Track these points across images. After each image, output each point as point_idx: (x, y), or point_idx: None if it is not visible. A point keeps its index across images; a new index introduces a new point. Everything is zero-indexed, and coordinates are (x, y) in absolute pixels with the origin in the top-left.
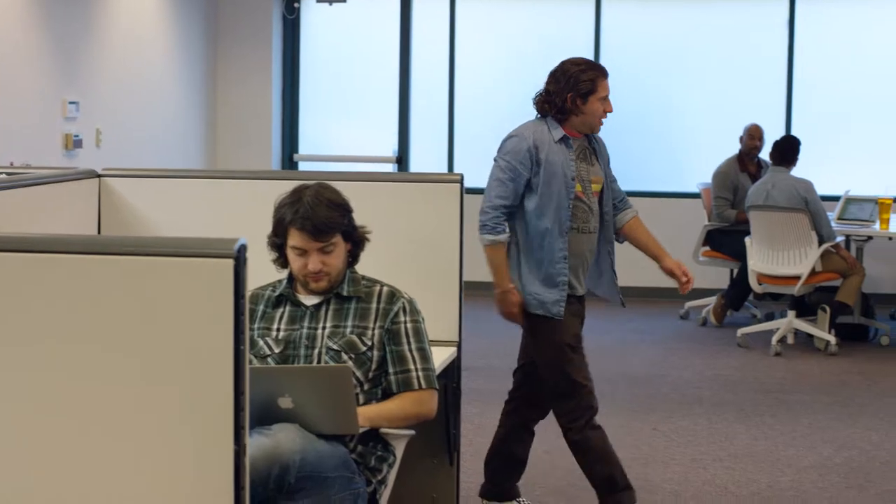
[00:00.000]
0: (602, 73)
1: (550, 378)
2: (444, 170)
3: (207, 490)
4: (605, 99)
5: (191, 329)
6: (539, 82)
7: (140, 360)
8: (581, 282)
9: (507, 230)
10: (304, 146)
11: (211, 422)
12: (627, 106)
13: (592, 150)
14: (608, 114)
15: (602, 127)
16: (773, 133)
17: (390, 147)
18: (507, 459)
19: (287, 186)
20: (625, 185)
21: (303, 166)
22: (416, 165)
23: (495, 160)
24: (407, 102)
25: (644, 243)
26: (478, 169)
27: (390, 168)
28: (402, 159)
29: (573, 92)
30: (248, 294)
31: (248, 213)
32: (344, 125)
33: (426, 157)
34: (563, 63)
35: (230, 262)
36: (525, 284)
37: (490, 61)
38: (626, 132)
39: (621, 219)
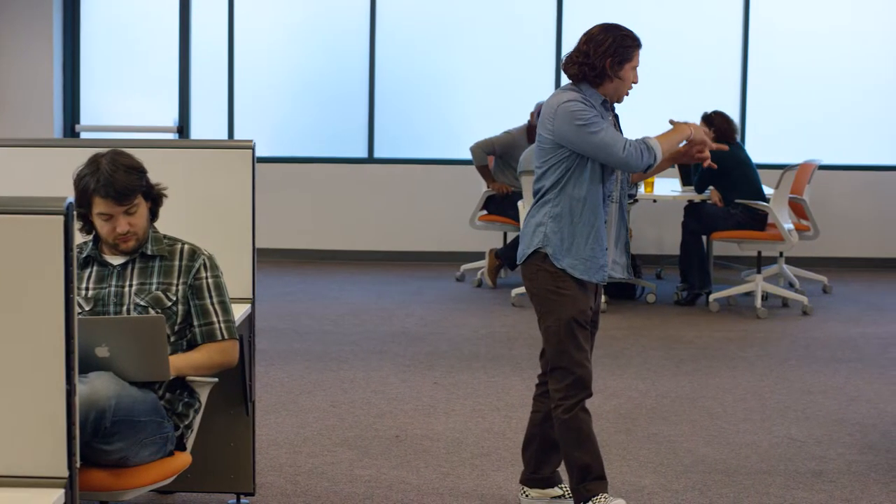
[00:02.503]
0: (638, 42)
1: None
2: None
3: (44, 426)
4: (635, 69)
5: (25, 281)
6: (315, 54)
7: None
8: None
9: (647, 143)
10: (86, 117)
11: (45, 364)
12: (404, 75)
13: (616, 117)
14: (633, 85)
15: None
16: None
17: (171, 117)
18: (544, 444)
19: (81, 153)
20: (404, 152)
21: (85, 136)
22: (196, 135)
23: (578, 126)
24: (187, 73)
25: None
26: (258, 139)
27: (172, 138)
28: (183, 129)
29: (611, 57)
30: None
31: (44, 180)
32: (125, 95)
33: (207, 127)
34: (601, 27)
35: (60, 219)
36: (562, 251)
37: (268, 31)
38: (403, 101)
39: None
